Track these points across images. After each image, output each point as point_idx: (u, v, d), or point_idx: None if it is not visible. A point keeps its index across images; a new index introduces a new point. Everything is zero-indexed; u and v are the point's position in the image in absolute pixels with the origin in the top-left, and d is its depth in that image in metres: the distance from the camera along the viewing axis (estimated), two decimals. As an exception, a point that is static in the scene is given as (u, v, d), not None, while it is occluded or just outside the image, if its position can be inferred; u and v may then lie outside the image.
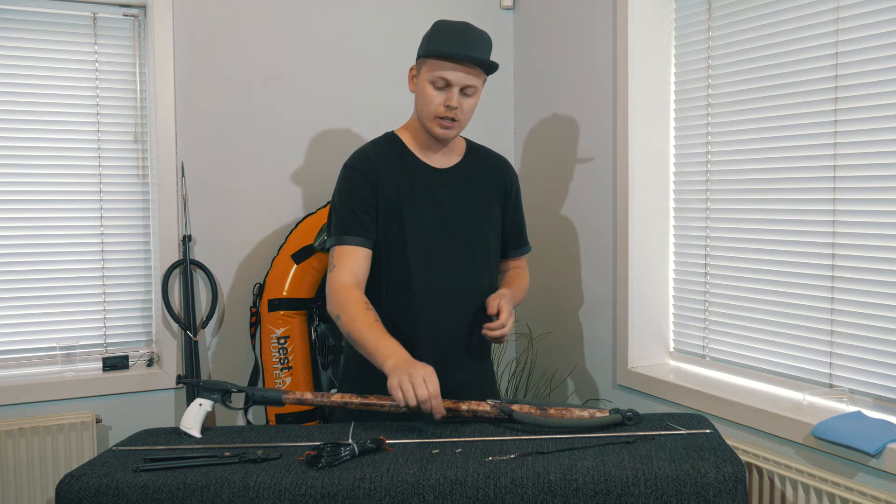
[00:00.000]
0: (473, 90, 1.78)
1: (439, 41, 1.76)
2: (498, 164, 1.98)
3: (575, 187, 2.69)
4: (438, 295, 1.82)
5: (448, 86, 1.76)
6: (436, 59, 1.76)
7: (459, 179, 1.89)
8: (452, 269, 1.84)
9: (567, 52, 2.72)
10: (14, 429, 2.29)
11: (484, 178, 1.92)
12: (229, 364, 2.65)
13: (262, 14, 2.66)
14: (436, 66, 1.76)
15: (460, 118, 1.79)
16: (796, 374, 2.03)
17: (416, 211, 1.82)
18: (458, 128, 1.81)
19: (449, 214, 1.85)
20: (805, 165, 1.99)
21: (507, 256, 2.02)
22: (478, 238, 1.89)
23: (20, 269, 2.47)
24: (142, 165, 2.61)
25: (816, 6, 1.94)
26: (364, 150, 1.89)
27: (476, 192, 1.90)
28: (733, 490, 1.36)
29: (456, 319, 1.85)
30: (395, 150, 1.87)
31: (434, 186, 1.85)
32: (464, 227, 1.86)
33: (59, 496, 1.40)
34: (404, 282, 1.81)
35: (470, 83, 1.77)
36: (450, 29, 1.78)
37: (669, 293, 2.46)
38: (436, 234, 1.83)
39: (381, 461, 1.43)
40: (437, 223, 1.83)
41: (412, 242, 1.81)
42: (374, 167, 1.82)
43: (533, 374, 2.89)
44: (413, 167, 1.86)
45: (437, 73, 1.75)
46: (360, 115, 2.79)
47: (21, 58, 2.45)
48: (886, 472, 1.67)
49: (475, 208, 1.89)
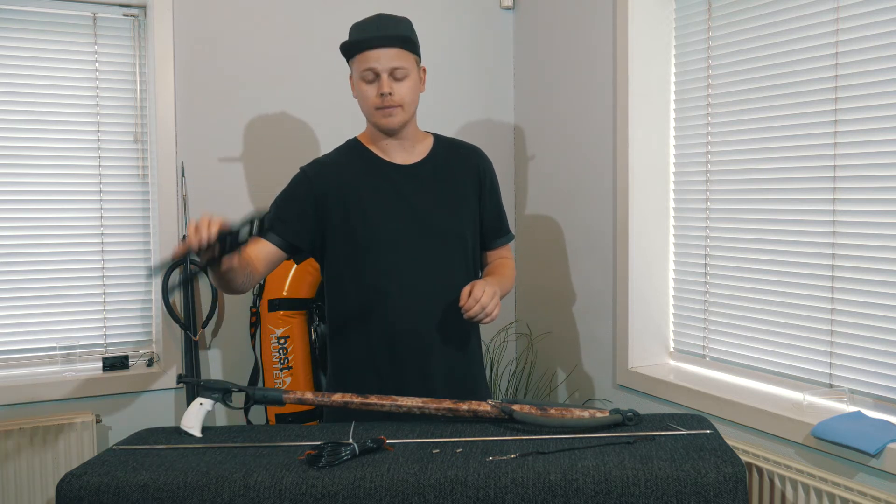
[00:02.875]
0: (404, 72, 1.77)
1: (351, 35, 1.80)
2: (469, 155, 1.94)
3: (575, 187, 2.69)
4: (412, 292, 1.80)
5: (377, 75, 1.76)
6: (358, 54, 1.77)
7: (427, 175, 1.86)
8: (425, 266, 1.81)
9: (567, 52, 2.72)
10: (14, 429, 2.29)
11: (454, 171, 1.89)
12: (229, 364, 2.65)
13: (262, 14, 2.66)
14: (359, 61, 1.77)
15: (400, 102, 1.77)
16: (796, 374, 2.03)
17: (381, 209, 1.80)
18: (403, 114, 1.79)
19: (418, 211, 1.82)
20: (805, 165, 1.99)
21: (489, 248, 1.97)
22: (451, 233, 1.85)
23: (20, 269, 2.47)
24: (142, 165, 2.61)
25: (816, 6, 1.94)
26: (322, 156, 1.92)
27: (447, 187, 1.87)
28: (733, 490, 1.35)
29: (432, 315, 1.81)
30: (355, 153, 1.88)
31: (399, 183, 1.83)
32: (435, 222, 1.83)
33: (59, 496, 1.40)
34: (375, 281, 1.79)
35: (395, 65, 1.75)
36: (360, 23, 1.81)
37: (669, 293, 2.46)
38: (405, 231, 1.81)
39: (381, 461, 1.43)
40: (406, 220, 1.81)
41: (379, 240, 1.79)
42: (323, 171, 1.84)
43: (533, 374, 2.89)
44: (375, 166, 1.85)
45: (361, 66, 1.77)
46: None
47: (21, 58, 2.45)
48: (886, 472, 1.67)
49: (447, 203, 1.85)
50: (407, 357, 1.80)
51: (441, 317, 1.81)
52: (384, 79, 1.76)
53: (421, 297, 1.80)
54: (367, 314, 1.81)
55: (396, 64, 1.76)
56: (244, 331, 2.65)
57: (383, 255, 1.80)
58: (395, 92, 1.76)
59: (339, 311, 1.86)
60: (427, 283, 1.81)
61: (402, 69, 1.77)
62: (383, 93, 1.75)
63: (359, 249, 1.80)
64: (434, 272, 1.82)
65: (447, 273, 1.83)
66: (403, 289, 1.80)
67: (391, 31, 1.77)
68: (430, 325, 1.81)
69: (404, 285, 1.80)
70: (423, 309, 1.81)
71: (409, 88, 1.79)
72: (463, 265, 1.87)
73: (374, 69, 1.75)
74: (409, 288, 1.80)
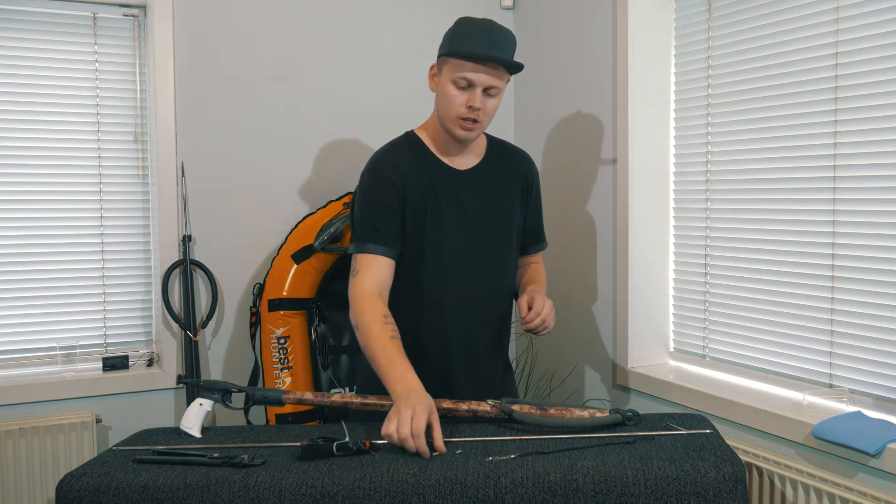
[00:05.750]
0: (497, 91, 1.72)
1: (462, 40, 1.70)
2: (518, 160, 1.93)
3: (575, 187, 2.69)
4: (467, 299, 1.80)
5: (471, 86, 1.70)
6: (458, 59, 1.70)
7: (481, 180, 1.85)
8: (479, 273, 1.82)
9: (567, 52, 2.72)
10: (14, 429, 2.29)
11: (505, 176, 1.88)
12: (229, 364, 2.65)
13: (262, 14, 2.66)
14: (458, 67, 1.70)
15: (482, 119, 1.74)
16: (796, 374, 2.03)
17: (441, 215, 1.79)
18: (480, 129, 1.77)
19: (473, 218, 1.81)
20: (805, 165, 1.99)
21: (526, 253, 1.98)
22: (502, 240, 1.86)
23: (20, 269, 2.47)
24: (142, 165, 2.61)
25: (816, 6, 1.94)
26: (387, 154, 1.83)
27: (498, 192, 1.86)
28: (733, 490, 1.35)
29: (483, 323, 1.84)
30: (417, 153, 1.82)
31: (457, 189, 1.81)
32: (488, 229, 1.83)
33: (59, 496, 1.40)
34: (431, 288, 1.79)
35: (493, 84, 1.71)
36: (474, 27, 1.72)
37: (669, 293, 2.46)
38: (461, 239, 1.80)
39: (381, 461, 1.43)
40: (462, 227, 1.80)
41: (438, 248, 1.78)
42: (400, 173, 1.77)
43: (533, 374, 2.89)
44: (436, 170, 1.81)
45: (459, 73, 1.69)
46: (359, 114, 2.79)
47: (21, 58, 2.45)
48: (886, 472, 1.67)
49: (497, 209, 1.85)
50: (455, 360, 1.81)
51: (488, 324, 1.85)
52: (478, 93, 1.70)
53: (470, 304, 1.81)
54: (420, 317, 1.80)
55: (494, 83, 1.71)
56: (244, 331, 2.65)
57: (439, 260, 1.79)
58: (484, 108, 1.72)
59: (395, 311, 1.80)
60: (476, 291, 1.82)
61: (496, 88, 1.72)
62: (473, 106, 1.71)
63: (418, 253, 1.78)
64: (482, 280, 1.83)
65: (493, 281, 1.85)
66: (455, 295, 1.80)
67: (506, 53, 1.72)
68: (478, 331, 1.83)
69: (456, 292, 1.80)
70: (472, 316, 1.82)
71: (495, 107, 1.76)
72: (506, 273, 1.88)
73: (473, 81, 1.69)
74: (460, 295, 1.80)
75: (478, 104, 1.70)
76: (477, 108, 1.71)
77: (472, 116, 1.72)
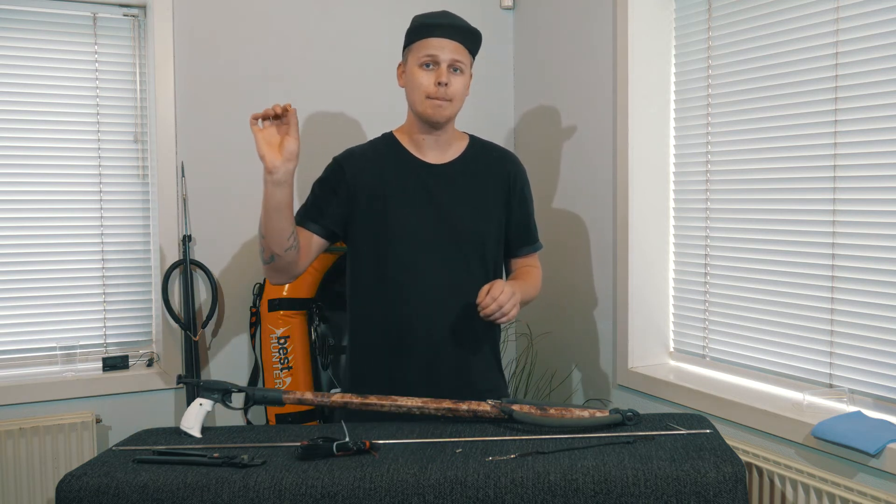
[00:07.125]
0: (462, 66, 1.79)
1: (420, 22, 1.81)
2: (501, 159, 1.94)
3: (575, 187, 2.69)
4: (430, 289, 1.81)
5: (436, 63, 1.77)
6: (421, 40, 1.78)
7: (457, 174, 1.87)
8: (444, 265, 1.82)
9: (567, 52, 2.72)
10: (14, 429, 2.29)
11: (483, 174, 1.89)
12: (229, 364, 2.65)
13: (262, 13, 2.66)
14: (421, 47, 1.78)
15: (453, 95, 1.78)
16: (796, 374, 2.03)
17: (405, 205, 1.81)
18: (451, 108, 1.80)
19: (442, 210, 1.83)
20: (805, 165, 1.99)
21: (516, 255, 1.97)
22: (473, 234, 1.85)
23: (20, 269, 2.47)
24: (142, 165, 2.61)
25: (816, 6, 1.94)
26: (354, 147, 1.93)
27: (473, 189, 1.87)
28: (733, 490, 1.36)
29: (448, 314, 1.82)
30: (389, 147, 1.89)
31: (427, 182, 1.84)
32: (459, 222, 1.84)
33: (59, 496, 1.40)
34: (394, 276, 1.81)
35: (457, 58, 1.78)
36: (427, 13, 1.84)
37: (669, 293, 2.46)
38: (427, 229, 1.82)
39: (381, 461, 1.43)
40: (429, 218, 1.82)
41: (401, 237, 1.80)
42: (354, 162, 1.86)
43: (533, 374, 2.89)
44: (407, 163, 1.85)
45: (423, 52, 1.77)
46: (359, 114, 2.79)
47: (21, 58, 2.45)
48: (886, 472, 1.67)
49: (473, 204, 1.86)
50: (415, 350, 1.81)
51: (454, 316, 1.82)
52: (443, 68, 1.77)
53: (435, 294, 1.81)
54: (382, 305, 1.82)
55: (458, 57, 1.78)
56: (244, 331, 2.65)
57: (402, 249, 1.81)
58: (452, 84, 1.78)
59: (358, 298, 1.88)
60: (442, 281, 1.82)
61: (461, 63, 1.79)
62: (441, 82, 1.76)
63: (380, 242, 1.81)
64: (450, 271, 1.82)
65: (463, 273, 1.84)
66: (419, 284, 1.81)
67: (460, 24, 1.81)
68: (442, 323, 1.82)
69: (420, 281, 1.81)
70: (436, 306, 1.81)
71: (463, 84, 1.82)
72: (481, 268, 1.87)
73: (436, 57, 1.77)
74: (424, 284, 1.81)
75: (444, 79, 1.76)
76: (444, 83, 1.76)
77: (440, 94, 1.77)
